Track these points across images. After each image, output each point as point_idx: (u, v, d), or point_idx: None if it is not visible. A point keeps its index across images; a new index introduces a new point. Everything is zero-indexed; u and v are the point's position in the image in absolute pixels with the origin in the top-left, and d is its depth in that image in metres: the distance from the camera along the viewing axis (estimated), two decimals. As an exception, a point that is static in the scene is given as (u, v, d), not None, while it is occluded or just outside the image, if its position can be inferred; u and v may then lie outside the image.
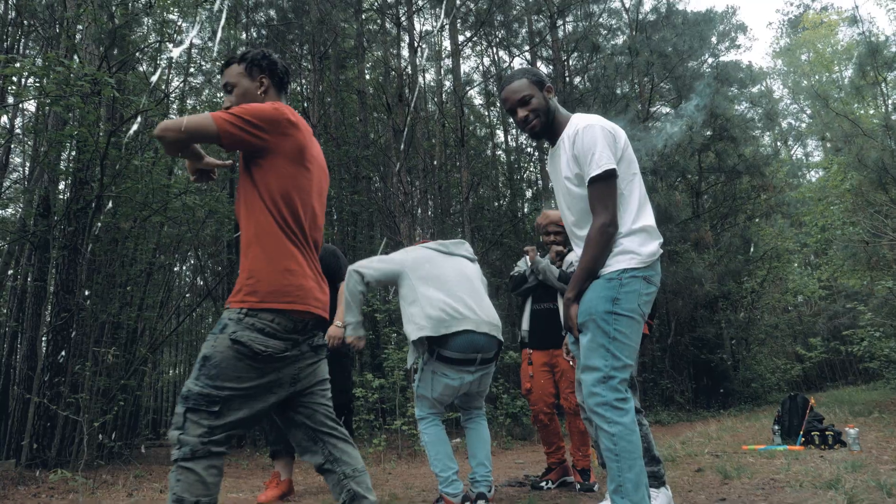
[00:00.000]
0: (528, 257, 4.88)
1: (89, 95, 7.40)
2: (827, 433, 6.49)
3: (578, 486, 4.58)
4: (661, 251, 2.56)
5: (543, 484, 4.73)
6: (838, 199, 13.66)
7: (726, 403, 15.47)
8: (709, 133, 15.09)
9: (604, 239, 2.43)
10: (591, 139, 2.47)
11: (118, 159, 7.96)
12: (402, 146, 12.05)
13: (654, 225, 2.56)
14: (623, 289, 2.40)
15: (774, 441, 7.06)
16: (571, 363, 4.60)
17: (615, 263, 2.44)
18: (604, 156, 2.44)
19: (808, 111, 35.69)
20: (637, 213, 2.52)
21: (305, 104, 14.64)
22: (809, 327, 24.58)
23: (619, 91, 15.08)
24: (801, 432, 6.71)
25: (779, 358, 19.98)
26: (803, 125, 35.08)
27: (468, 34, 16.78)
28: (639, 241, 2.48)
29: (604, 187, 2.45)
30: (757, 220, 17.29)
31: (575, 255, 4.38)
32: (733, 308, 17.14)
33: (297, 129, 2.25)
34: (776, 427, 7.15)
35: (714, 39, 19.73)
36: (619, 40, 18.03)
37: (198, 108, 16.20)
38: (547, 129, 2.67)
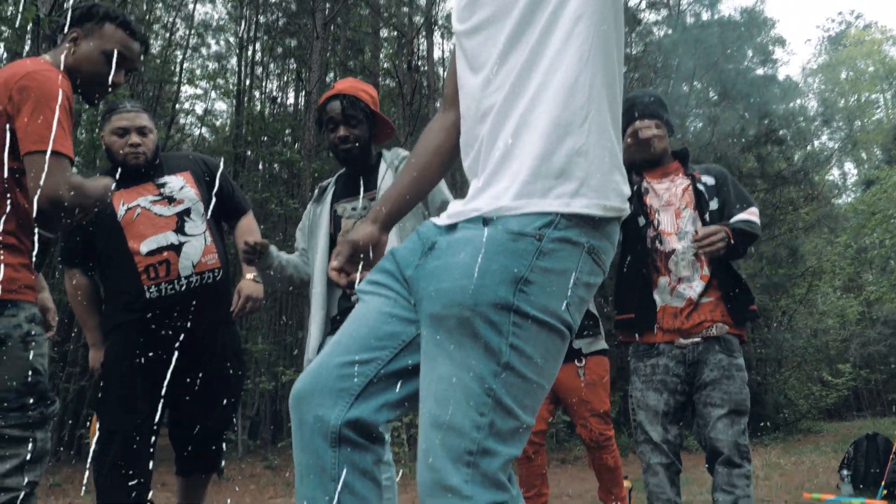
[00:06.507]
0: None
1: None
2: (919, 486, 5.20)
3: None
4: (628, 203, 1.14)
5: None
6: (900, 210, 12.38)
7: (758, 431, 14.12)
8: (752, 134, 13.75)
9: None
10: None
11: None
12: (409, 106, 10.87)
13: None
14: (541, 260, 1.07)
15: (842, 490, 5.77)
16: (583, 377, 3.41)
17: (539, 199, 1.10)
18: None
19: (846, 130, 34.42)
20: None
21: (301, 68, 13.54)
22: (840, 353, 23.14)
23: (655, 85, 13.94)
24: (884, 482, 5.40)
25: (808, 383, 18.55)
26: (837, 144, 33.91)
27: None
28: (608, 158, 1.14)
29: None
30: (793, 232, 15.93)
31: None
32: (767, 326, 15.76)
33: None
34: (845, 472, 5.84)
35: (750, 52, 18.63)
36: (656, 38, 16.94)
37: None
38: None
